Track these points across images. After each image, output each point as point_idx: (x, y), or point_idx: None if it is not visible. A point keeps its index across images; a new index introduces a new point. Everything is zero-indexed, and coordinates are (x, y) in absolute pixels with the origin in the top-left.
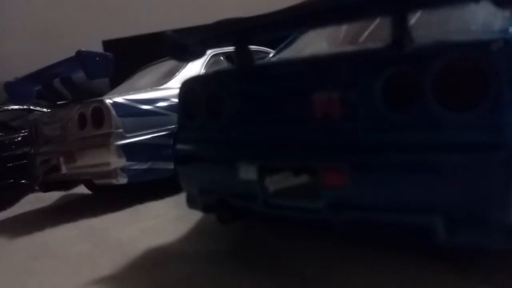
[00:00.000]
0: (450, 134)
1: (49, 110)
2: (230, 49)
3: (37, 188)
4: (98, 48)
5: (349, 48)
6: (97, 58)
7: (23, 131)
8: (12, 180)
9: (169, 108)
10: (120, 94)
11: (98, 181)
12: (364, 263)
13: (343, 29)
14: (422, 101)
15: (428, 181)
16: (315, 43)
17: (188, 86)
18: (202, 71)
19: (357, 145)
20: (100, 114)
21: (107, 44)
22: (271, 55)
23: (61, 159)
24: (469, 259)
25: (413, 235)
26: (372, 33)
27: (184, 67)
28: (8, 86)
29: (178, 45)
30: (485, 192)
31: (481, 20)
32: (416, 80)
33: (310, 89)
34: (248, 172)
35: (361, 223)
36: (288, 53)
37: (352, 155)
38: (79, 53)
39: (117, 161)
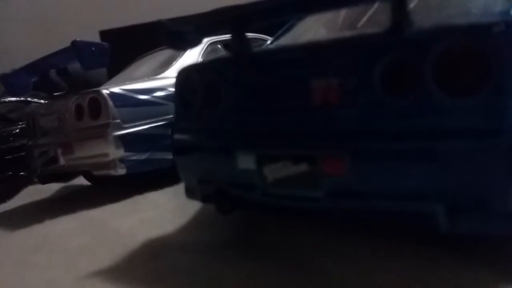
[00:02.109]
0: (451, 120)
1: (46, 102)
2: (228, 36)
3: (36, 180)
4: (96, 38)
5: (347, 33)
6: (93, 48)
7: (21, 123)
8: (10, 173)
9: (167, 97)
10: (117, 84)
11: (96, 172)
12: (364, 252)
13: (342, 15)
14: (422, 86)
15: (428, 168)
16: (313, 29)
17: (185, 74)
18: (200, 59)
19: (357, 132)
20: (97, 105)
21: (104, 34)
22: (268, 42)
23: (59, 151)
24: (471, 247)
25: (414, 223)
26: (371, 18)
27: (181, 56)
28: (5, 78)
29: (174, 33)
30: (487, 178)
31: (482, 3)
32: (416, 65)
33: (309, 76)
34: (246, 161)
35: (362, 211)
36: (286, 39)
37: (351, 143)
38: (74, 43)
39: (115, 152)
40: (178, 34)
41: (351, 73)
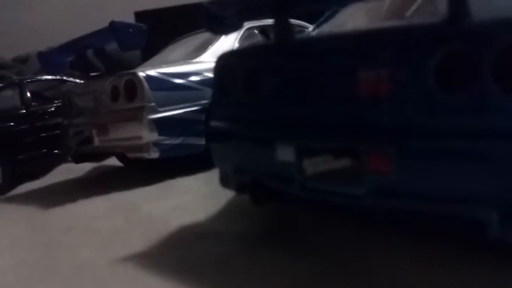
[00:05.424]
0: (509, 119)
1: (82, 81)
2: (265, 22)
3: (69, 159)
4: (130, 19)
5: (394, 23)
6: (131, 29)
7: (56, 101)
8: (45, 150)
9: (202, 82)
10: (153, 67)
11: (130, 155)
12: (409, 254)
13: (387, 2)
14: (479, 82)
15: (482, 169)
16: (356, 17)
17: (225, 60)
18: (236, 45)
19: (406, 128)
20: (133, 87)
21: (139, 15)
22: (310, 29)
23: (94, 131)
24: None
25: (463, 228)
26: (419, 7)
27: (217, 40)
28: (41, 56)
29: (215, 17)
30: None
31: None
32: (474, 60)
33: (356, 66)
34: (285, 153)
35: (407, 213)
36: (329, 27)
37: (399, 139)
38: (112, 24)
39: (149, 135)
40: (219, 17)
41: (403, 64)
